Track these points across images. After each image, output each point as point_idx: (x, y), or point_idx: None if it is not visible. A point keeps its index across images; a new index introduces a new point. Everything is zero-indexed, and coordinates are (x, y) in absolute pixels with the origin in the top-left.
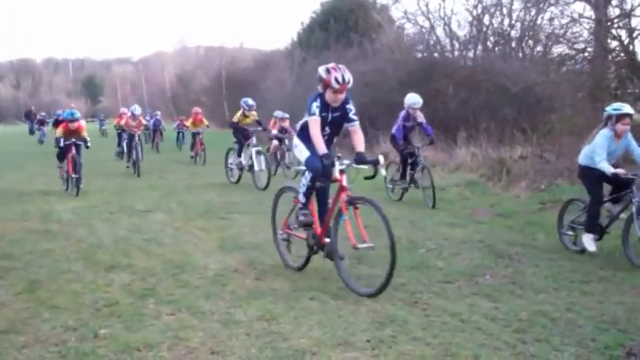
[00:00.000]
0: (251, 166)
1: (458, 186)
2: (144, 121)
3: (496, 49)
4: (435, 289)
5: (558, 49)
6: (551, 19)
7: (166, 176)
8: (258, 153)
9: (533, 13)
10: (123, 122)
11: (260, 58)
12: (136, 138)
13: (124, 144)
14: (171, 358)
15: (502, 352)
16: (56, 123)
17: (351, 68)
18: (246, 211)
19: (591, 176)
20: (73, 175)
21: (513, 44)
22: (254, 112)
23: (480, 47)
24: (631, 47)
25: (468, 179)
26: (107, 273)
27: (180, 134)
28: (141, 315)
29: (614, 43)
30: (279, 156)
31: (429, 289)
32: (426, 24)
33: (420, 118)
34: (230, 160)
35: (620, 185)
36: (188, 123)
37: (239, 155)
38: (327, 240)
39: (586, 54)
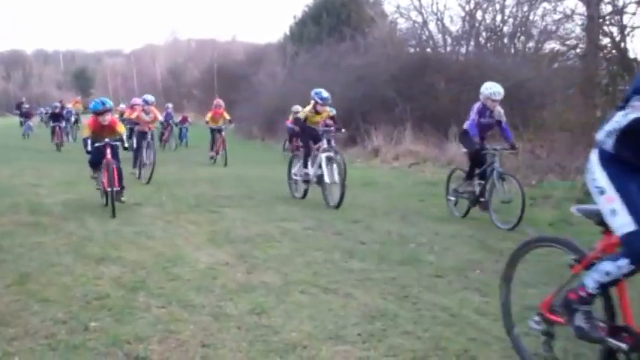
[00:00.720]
0: (320, 178)
1: None
2: (159, 116)
3: (488, 44)
4: (426, 284)
5: (550, 46)
6: (543, 16)
7: (157, 169)
8: (330, 160)
9: (525, 9)
10: (134, 116)
11: (252, 51)
12: (149, 136)
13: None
14: (162, 350)
15: (492, 347)
16: (52, 116)
17: (343, 62)
18: (237, 205)
19: None
20: (109, 189)
21: (505, 40)
22: (327, 108)
23: (472, 43)
24: (622, 44)
25: (459, 174)
26: (97, 266)
27: (183, 130)
28: (131, 308)
29: (605, 40)
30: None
31: (419, 283)
32: (419, 19)
33: (500, 114)
34: (294, 171)
35: None
36: (207, 117)
37: (306, 164)
38: None
39: (578, 50)
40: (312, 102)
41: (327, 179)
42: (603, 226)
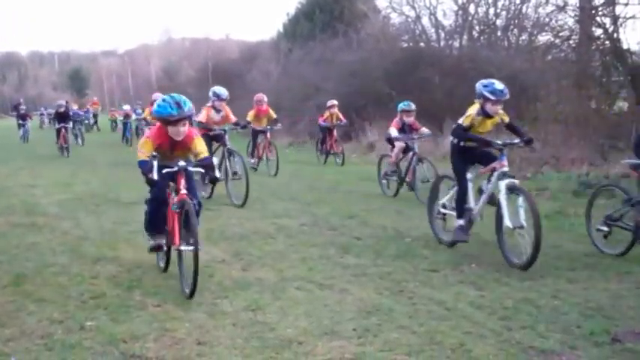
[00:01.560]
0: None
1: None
2: (232, 116)
3: (482, 38)
4: (421, 278)
5: (543, 38)
6: (536, 8)
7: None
8: (514, 191)
9: (518, 2)
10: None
11: (246, 49)
12: (227, 142)
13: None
14: (158, 348)
15: (488, 340)
16: (58, 116)
17: (337, 58)
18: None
19: None
20: (184, 248)
21: (499, 33)
22: (500, 108)
23: (465, 36)
24: (615, 35)
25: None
26: (93, 265)
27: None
28: (127, 307)
29: (598, 31)
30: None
31: (414, 277)
32: (412, 13)
33: None
34: (443, 201)
35: None
36: (249, 117)
37: (462, 201)
38: None
39: (571, 42)
40: (479, 101)
41: (508, 222)
42: None
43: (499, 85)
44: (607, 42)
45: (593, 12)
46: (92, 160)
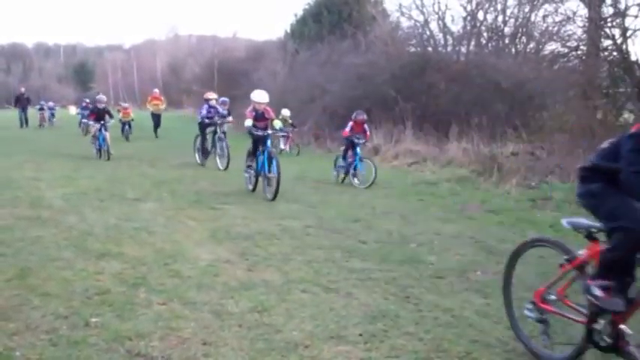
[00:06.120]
0: None
1: (449, 181)
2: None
3: (489, 45)
4: (427, 284)
5: (551, 47)
6: (544, 17)
7: (157, 164)
8: None
9: (527, 10)
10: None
11: (252, 48)
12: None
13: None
14: (163, 348)
15: (494, 349)
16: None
17: (344, 60)
18: (237, 202)
19: None
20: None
21: (506, 41)
22: None
23: (473, 43)
24: (624, 46)
25: (458, 174)
26: (98, 261)
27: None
28: (132, 304)
29: (607, 42)
30: None
31: (420, 283)
32: (420, 18)
33: None
34: None
35: None
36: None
37: None
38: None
39: (579, 52)
40: None
41: None
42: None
43: None
44: (615, 53)
45: (602, 23)
46: (92, 156)
